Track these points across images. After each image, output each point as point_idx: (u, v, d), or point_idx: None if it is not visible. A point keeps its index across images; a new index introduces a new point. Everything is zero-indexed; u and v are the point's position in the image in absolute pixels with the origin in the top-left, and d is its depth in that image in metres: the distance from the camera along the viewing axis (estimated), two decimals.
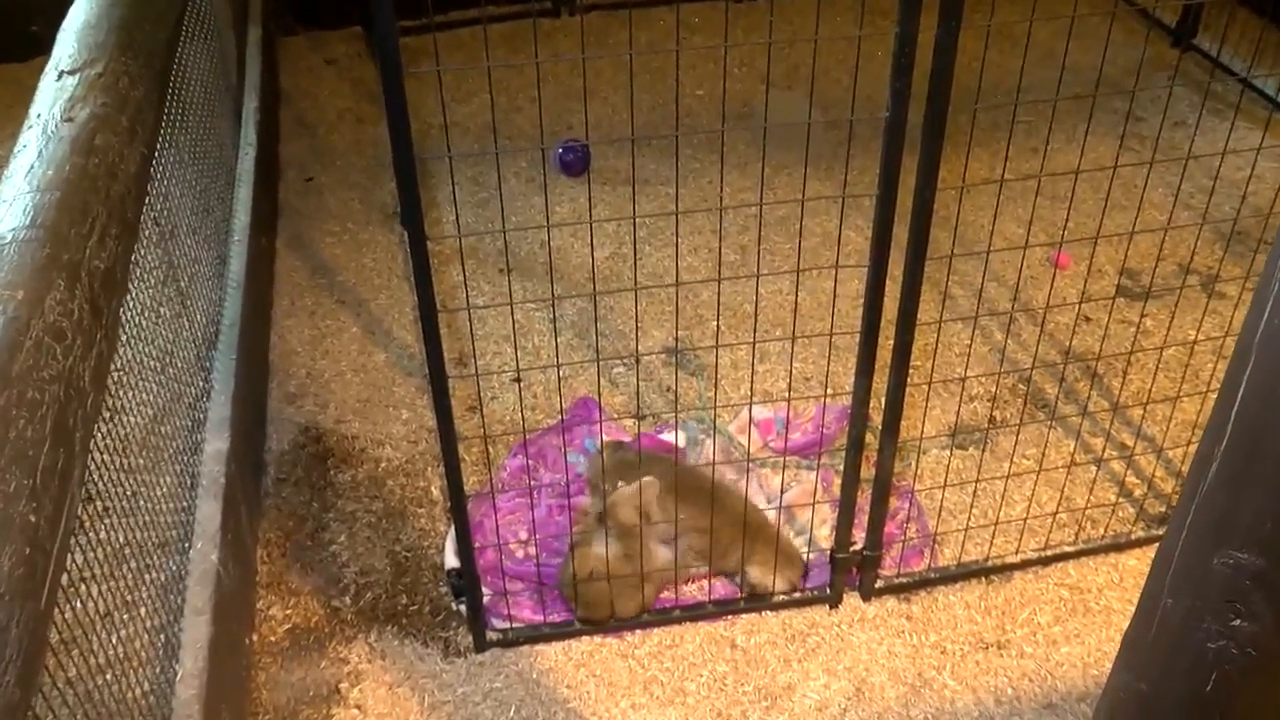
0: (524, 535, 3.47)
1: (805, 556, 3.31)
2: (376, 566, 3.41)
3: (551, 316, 4.25)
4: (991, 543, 3.43)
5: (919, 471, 3.71)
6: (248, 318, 3.77)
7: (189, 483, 3.00)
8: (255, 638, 3.18)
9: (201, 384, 3.31)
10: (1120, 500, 3.58)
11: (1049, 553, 3.43)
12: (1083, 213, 4.77)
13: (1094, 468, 3.66)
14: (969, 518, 3.52)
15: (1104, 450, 3.71)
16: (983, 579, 3.38)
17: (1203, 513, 1.52)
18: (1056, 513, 3.52)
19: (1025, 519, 3.49)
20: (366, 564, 3.42)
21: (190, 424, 3.13)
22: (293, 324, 4.41)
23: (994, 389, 3.91)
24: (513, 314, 2.90)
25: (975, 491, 3.57)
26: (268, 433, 3.87)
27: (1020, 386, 4.03)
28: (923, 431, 3.76)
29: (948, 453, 3.71)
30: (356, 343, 4.33)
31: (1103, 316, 4.23)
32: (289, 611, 3.28)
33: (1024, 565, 3.40)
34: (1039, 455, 3.70)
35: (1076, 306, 4.17)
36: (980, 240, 4.65)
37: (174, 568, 2.74)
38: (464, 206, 4.97)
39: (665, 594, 3.26)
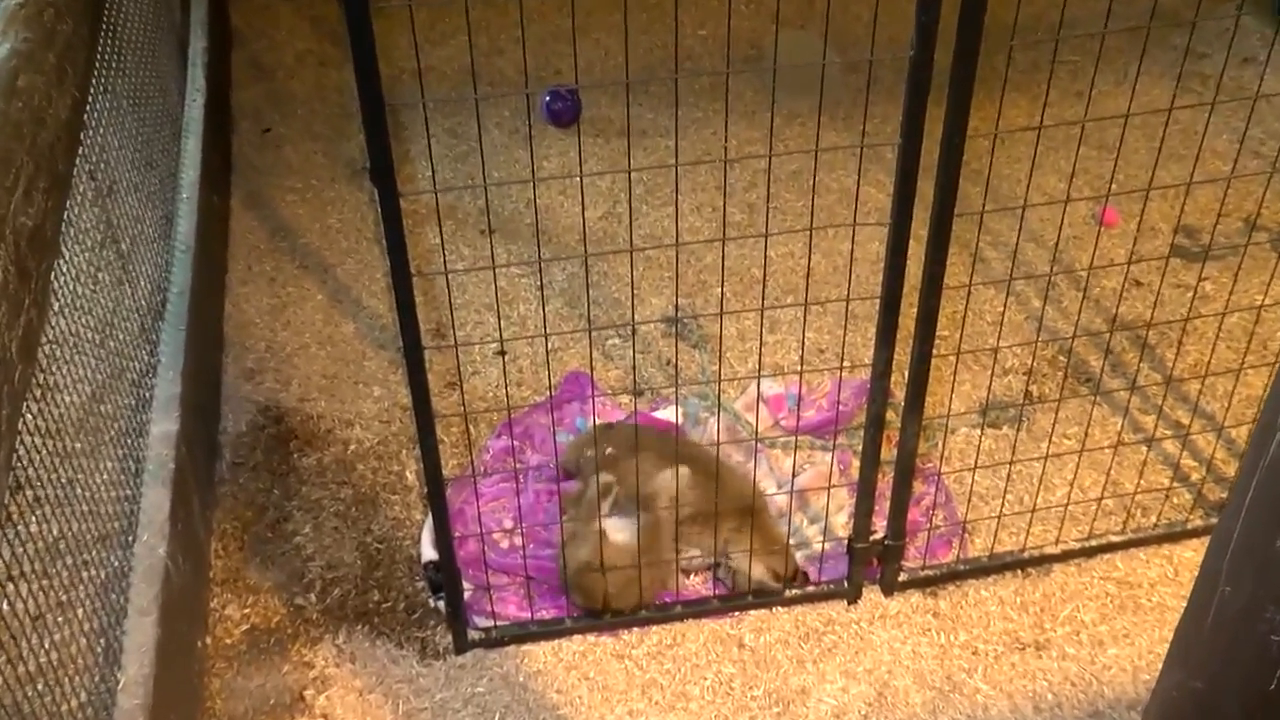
0: (509, 524, 3.47)
1: (821, 546, 3.31)
2: (345, 560, 3.41)
3: (539, 282, 4.26)
4: (1028, 531, 3.43)
5: (947, 452, 3.70)
6: (199, 285, 3.76)
7: (133, 469, 2.98)
8: (209, 640, 3.18)
9: (147, 358, 3.30)
10: (1175, 485, 3.57)
11: (1093, 543, 3.42)
12: (1134, 163, 4.75)
13: (1144, 448, 3.65)
14: (1003, 504, 3.51)
15: (1156, 429, 3.70)
16: (1019, 572, 3.38)
17: (1265, 489, 1.51)
18: (1102, 498, 3.50)
19: (1066, 505, 3.48)
20: (334, 557, 3.42)
21: (134, 403, 3.12)
22: (250, 292, 4.40)
23: (1031, 361, 3.91)
24: (495, 280, 2.90)
25: (1010, 474, 3.55)
26: (223, 413, 3.87)
27: (1060, 358, 4.02)
28: (950, 408, 3.75)
29: (978, 432, 3.71)
30: (322, 312, 4.32)
31: (1155, 280, 4.21)
32: (247, 611, 3.28)
33: (1065, 557, 3.40)
34: (1081, 434, 3.69)
35: (1125, 268, 4.15)
36: (1016, 195, 4.63)
37: (116, 563, 2.73)
38: (440, 161, 4.95)
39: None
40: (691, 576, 3.34)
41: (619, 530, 3.19)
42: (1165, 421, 3.76)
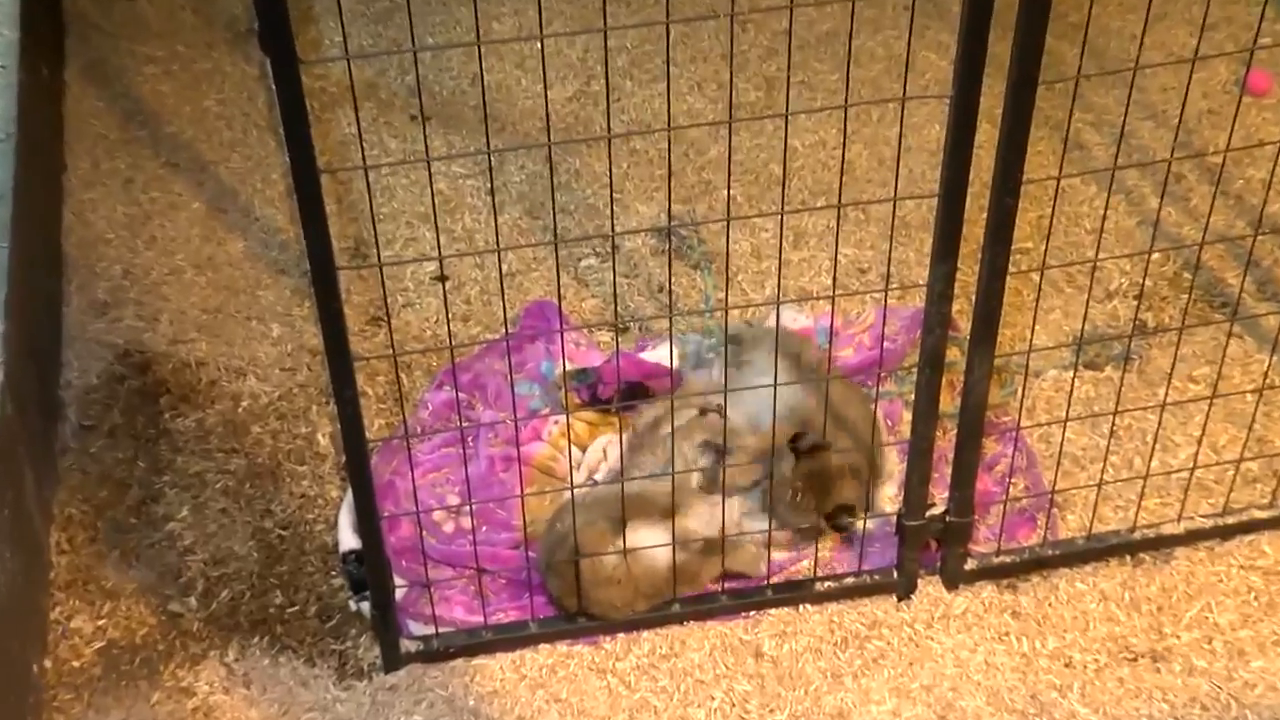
0: (454, 500, 3.44)
1: (862, 525, 3.34)
2: (236, 552, 3.41)
3: (489, 184, 4.24)
4: (1140, 505, 3.42)
5: (1029, 402, 3.68)
6: (24, 187, 3.73)
7: None
8: (48, 663, 3.17)
9: None
10: None
11: (1230, 520, 3.40)
12: None
13: None
14: (1104, 468, 3.49)
15: None
16: (1127, 558, 3.38)
17: None
18: (1242, 460, 3.46)
19: (1193, 470, 3.47)
20: (221, 549, 3.42)
21: None
22: (98, 198, 4.36)
23: (1143, 279, 3.89)
24: (431, 181, 2.87)
25: (1114, 429, 3.53)
26: (65, 359, 3.85)
27: (1185, 275, 4.02)
28: (1031, 342, 3.71)
29: (1071, 374, 3.69)
30: (199, 225, 4.28)
31: None
32: (102, 623, 3.27)
33: (1192, 539, 3.40)
34: (1214, 376, 3.67)
35: (1278, 153, 4.16)
36: (1127, 56, 4.58)
37: None
38: (355, 21, 4.90)
39: None
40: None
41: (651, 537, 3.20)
42: None
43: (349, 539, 3.35)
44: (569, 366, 3.68)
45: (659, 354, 3.77)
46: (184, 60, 4.88)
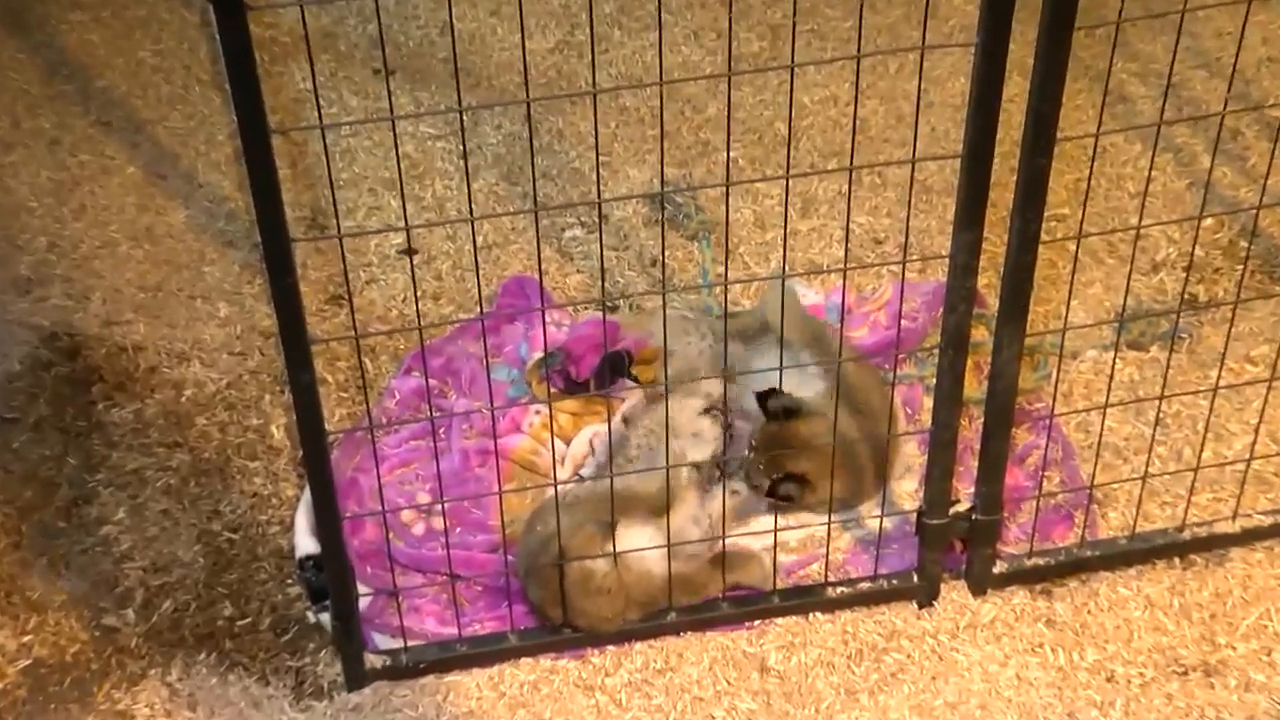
0: (424, 498, 3.44)
1: (878, 525, 3.34)
2: (180, 558, 3.41)
3: (461, 146, 4.24)
4: (1190, 501, 3.42)
5: (1066, 386, 3.69)
6: None
7: None
8: None
9: None
10: None
11: None
12: None
13: None
14: (1150, 460, 3.49)
15: None
16: (1176, 560, 3.39)
17: None
18: None
19: (1248, 461, 3.46)
20: (162, 555, 3.42)
21: None
22: (20, 161, 4.36)
23: (1193, 247, 3.82)
24: (397, 143, 2.87)
25: (1161, 417, 3.52)
26: None
27: (1240, 243, 4.02)
28: (1067, 319, 3.73)
29: (1112, 354, 3.70)
30: (135, 192, 4.29)
31: None
32: (27, 639, 3.26)
33: (1249, 538, 3.40)
34: (1272, 356, 3.66)
35: None
36: None
37: None
38: None
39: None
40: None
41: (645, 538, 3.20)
42: None
43: (307, 543, 3.35)
44: (535, 355, 3.70)
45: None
46: (115, 6, 4.87)
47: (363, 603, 3.19)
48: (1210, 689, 3.17)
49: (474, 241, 2.95)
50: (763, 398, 3.32)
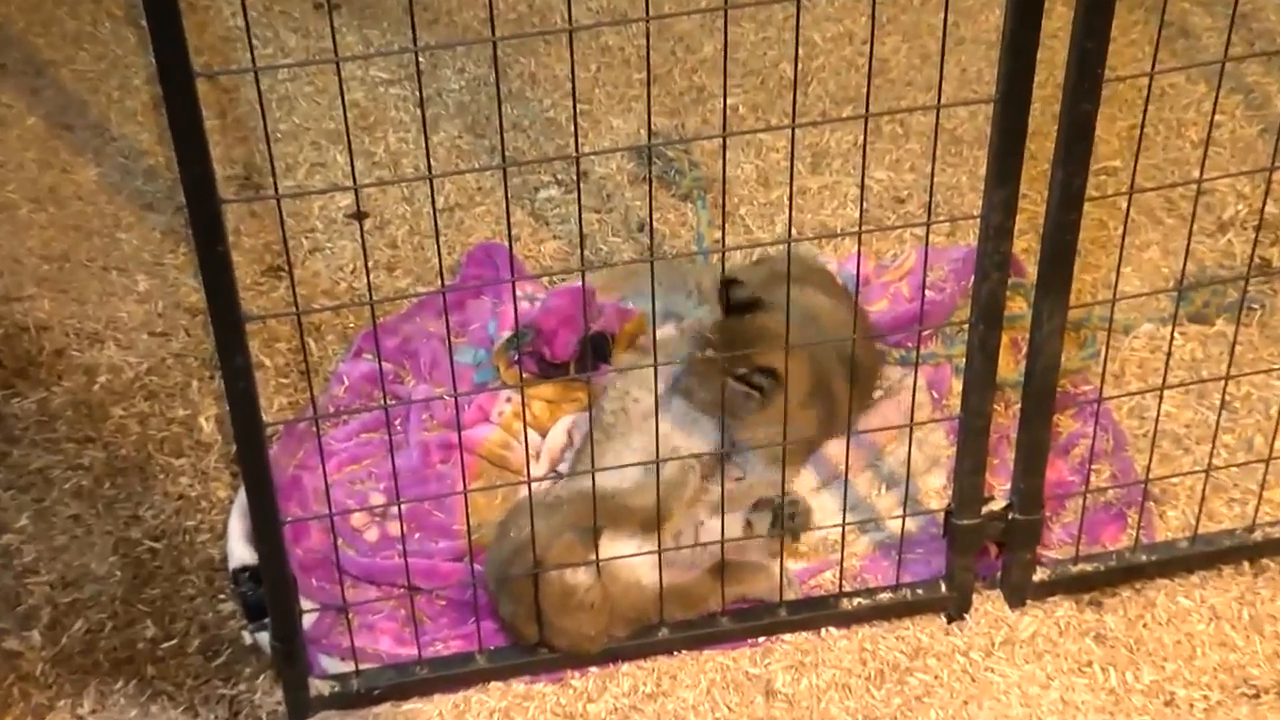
0: (379, 499, 3.44)
1: (900, 526, 3.34)
2: (93, 571, 3.40)
3: (418, 93, 4.22)
4: (1261, 497, 3.41)
5: (1116, 365, 3.70)
6: None
7: None
8: None
9: None
10: None
11: None
12: None
13: None
14: (1214, 450, 3.47)
15: None
16: (1245, 566, 3.38)
17: None
18: None
19: None
20: (73, 568, 3.41)
21: None
22: None
23: (1264, 203, 3.86)
24: (343, 89, 2.79)
25: (1227, 400, 3.54)
26: None
27: None
28: (1117, 288, 3.69)
29: (1170, 328, 3.66)
30: (36, 146, 4.28)
31: None
32: None
33: None
34: None
35: None
36: None
37: None
38: None
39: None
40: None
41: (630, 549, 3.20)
42: None
43: (242, 552, 3.34)
44: (504, 333, 3.70)
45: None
46: None
47: (307, 620, 3.17)
48: None
49: (433, 203, 2.94)
50: (724, 289, 3.34)
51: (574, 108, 2.85)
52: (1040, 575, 3.32)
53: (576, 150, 2.93)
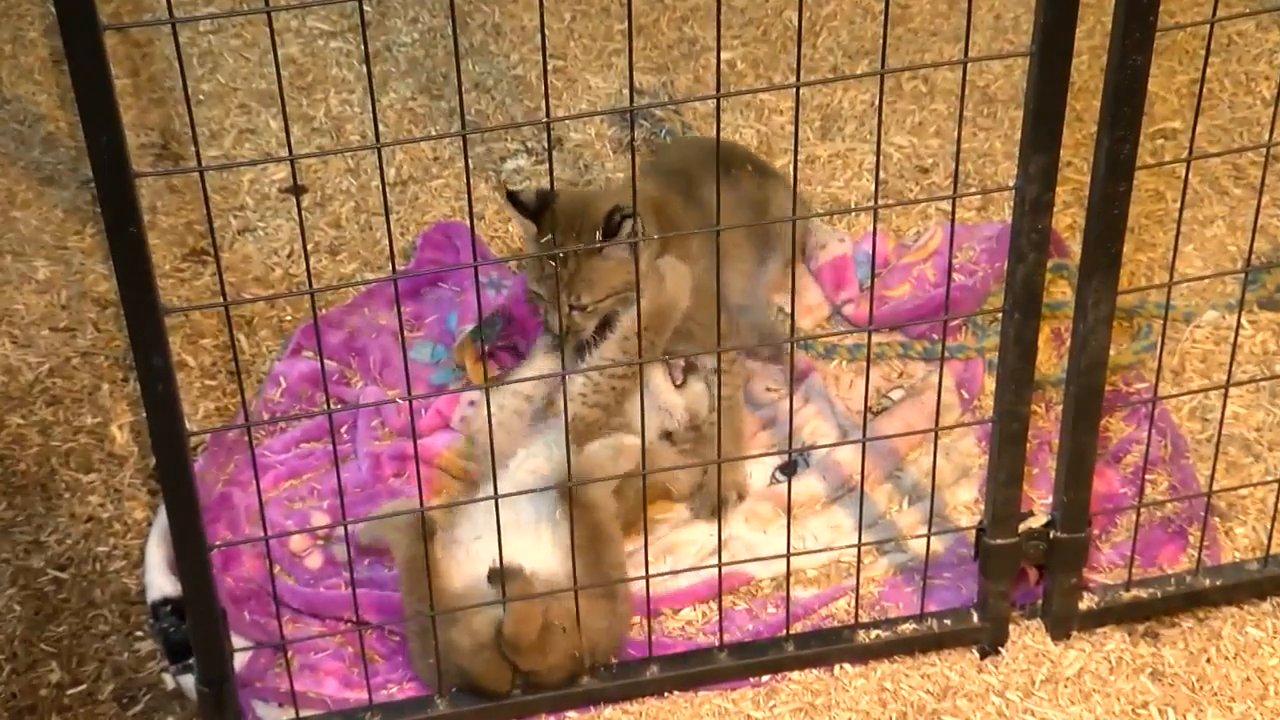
0: (322, 520, 3.32)
1: (925, 547, 3.18)
2: None
3: (363, 47, 3.95)
4: None
5: (1174, 360, 3.57)
6: None
7: None
8: None
9: None
10: None
11: None
12: None
13: None
14: None
15: None
16: None
17: None
18: None
19: None
20: None
21: None
22: None
23: None
24: (275, 43, 2.67)
25: None
26: None
27: None
28: (1174, 270, 3.49)
29: (1237, 316, 3.53)
30: None
31: None
32: None
33: None
34: None
35: None
36: None
37: None
38: None
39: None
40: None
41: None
42: None
43: (162, 582, 3.22)
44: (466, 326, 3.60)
45: None
46: None
47: (239, 660, 3.07)
48: None
49: (383, 176, 2.79)
50: (511, 201, 3.38)
51: (544, 64, 2.71)
52: (1087, 603, 3.22)
53: (548, 113, 2.80)
